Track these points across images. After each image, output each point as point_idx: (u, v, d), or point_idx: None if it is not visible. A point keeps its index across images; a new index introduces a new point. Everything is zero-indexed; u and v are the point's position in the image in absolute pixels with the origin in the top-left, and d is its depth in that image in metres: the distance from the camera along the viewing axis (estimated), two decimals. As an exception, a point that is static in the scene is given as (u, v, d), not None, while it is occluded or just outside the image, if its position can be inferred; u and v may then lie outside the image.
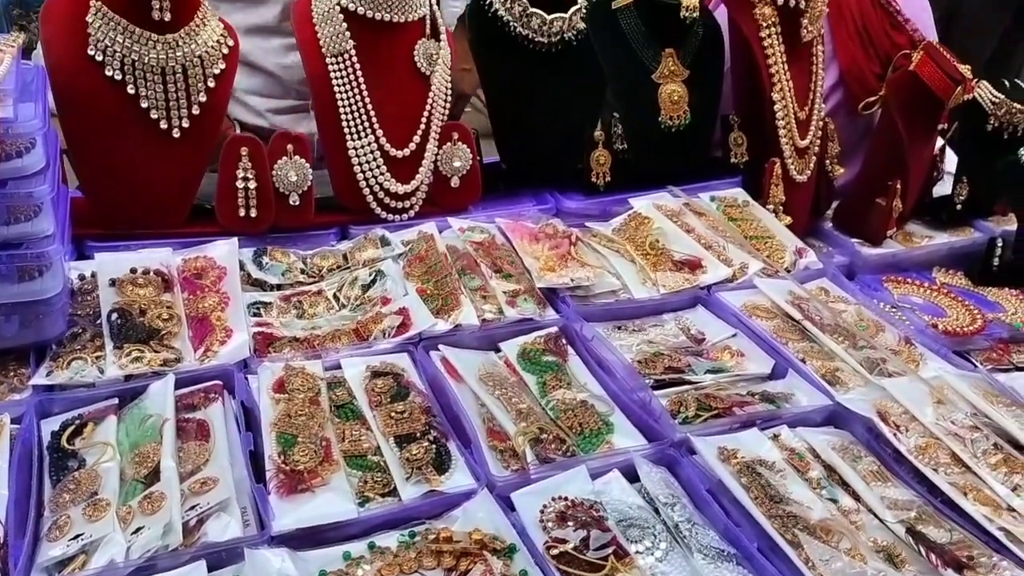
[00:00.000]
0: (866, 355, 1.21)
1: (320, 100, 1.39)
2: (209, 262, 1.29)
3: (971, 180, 1.79)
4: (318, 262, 1.35)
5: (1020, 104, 1.77)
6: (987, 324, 1.54)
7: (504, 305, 1.28)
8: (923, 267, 1.73)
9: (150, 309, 1.18)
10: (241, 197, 1.33)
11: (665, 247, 1.43)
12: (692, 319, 1.33)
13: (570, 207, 1.55)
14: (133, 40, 1.24)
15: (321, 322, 1.25)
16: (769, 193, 1.59)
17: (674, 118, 1.58)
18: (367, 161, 1.40)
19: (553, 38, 1.50)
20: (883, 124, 1.75)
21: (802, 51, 1.60)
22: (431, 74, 1.44)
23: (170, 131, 1.29)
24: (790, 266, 1.44)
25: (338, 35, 1.36)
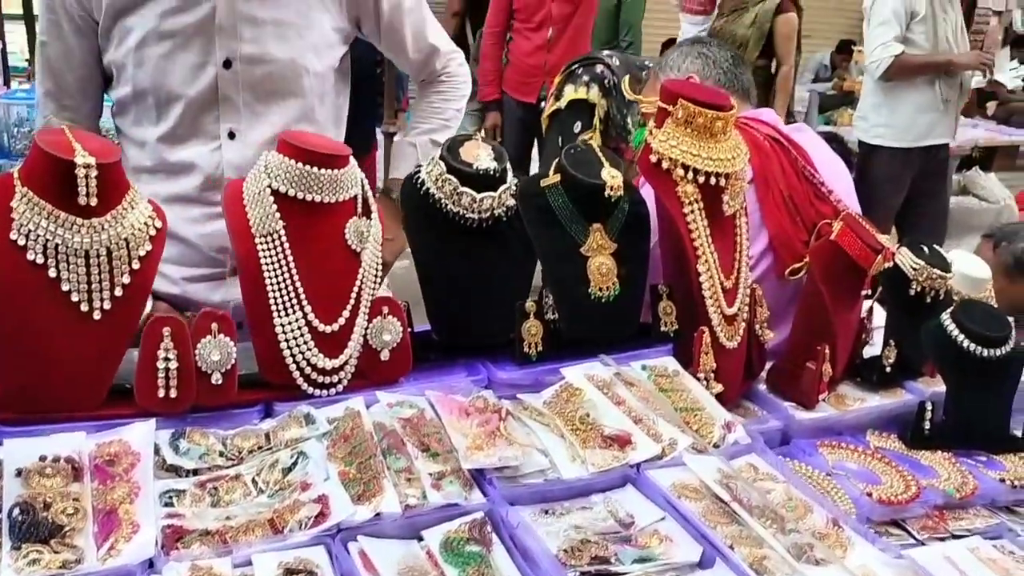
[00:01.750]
0: (793, 540, 1.20)
1: (248, 278, 1.39)
2: (123, 447, 1.25)
3: (899, 342, 1.84)
4: (239, 443, 1.32)
5: (940, 269, 1.84)
6: (921, 491, 1.54)
7: (429, 489, 1.25)
8: (856, 430, 1.74)
9: (55, 502, 1.13)
10: (161, 377, 1.31)
11: (595, 421, 1.43)
12: (621, 500, 1.31)
13: (502, 378, 1.55)
14: (57, 225, 1.25)
15: (236, 510, 1.20)
16: (700, 362, 1.61)
17: (603, 289, 1.60)
18: (294, 337, 1.40)
19: (484, 214, 1.54)
20: (808, 290, 1.80)
21: (725, 223, 1.66)
22: (362, 251, 1.46)
23: (91, 313, 1.28)
24: (719, 441, 1.44)
25: (268, 216, 1.38)
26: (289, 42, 1.75)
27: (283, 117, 1.79)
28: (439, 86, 2.06)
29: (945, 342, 1.71)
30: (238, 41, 1.70)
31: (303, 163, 1.38)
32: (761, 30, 4.93)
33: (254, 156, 1.70)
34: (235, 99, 1.74)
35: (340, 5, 1.83)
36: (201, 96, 1.72)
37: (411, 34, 1.95)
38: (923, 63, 4.26)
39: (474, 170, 1.52)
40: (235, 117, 1.75)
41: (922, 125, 4.34)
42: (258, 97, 1.76)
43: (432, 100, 2.06)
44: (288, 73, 1.77)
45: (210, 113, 1.74)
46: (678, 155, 1.57)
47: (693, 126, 1.58)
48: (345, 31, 1.87)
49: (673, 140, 1.57)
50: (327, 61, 1.84)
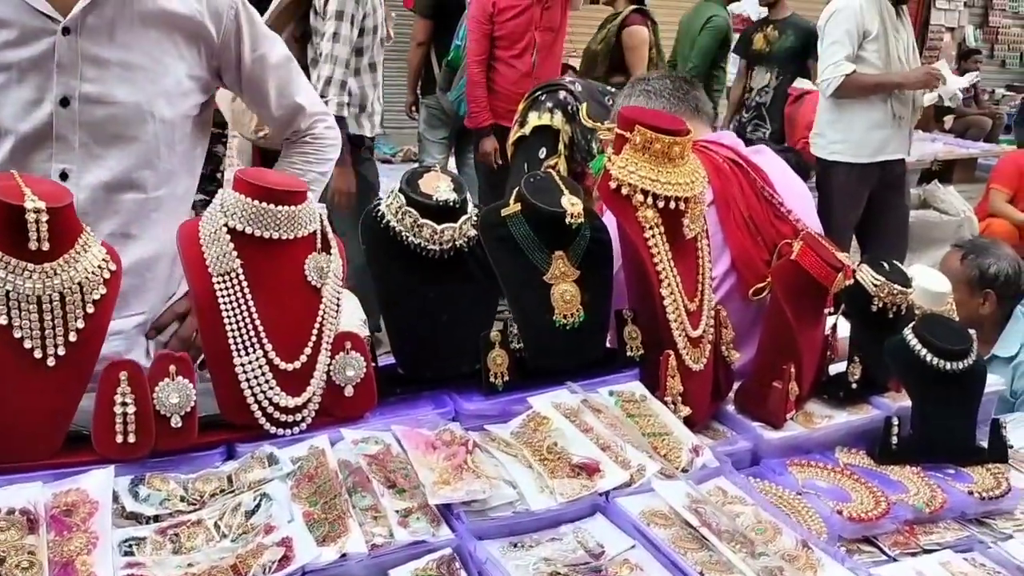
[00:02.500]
0: (763, 564, 1.19)
1: (205, 319, 1.37)
2: (81, 495, 1.22)
3: (863, 359, 1.85)
4: (200, 487, 1.29)
5: (900, 285, 1.87)
6: (891, 507, 1.55)
7: (395, 526, 1.23)
8: (825, 447, 1.75)
9: (9, 557, 1.10)
10: (119, 423, 1.28)
11: (563, 450, 1.42)
12: (590, 530, 1.30)
13: (469, 409, 1.54)
14: (8, 271, 1.22)
15: (198, 557, 1.18)
16: (666, 385, 1.61)
17: (568, 316, 1.60)
18: (255, 376, 1.38)
19: (445, 246, 1.54)
20: (772, 310, 1.81)
21: (687, 246, 1.67)
22: (322, 286, 1.45)
23: (44, 360, 1.25)
24: (687, 465, 1.44)
25: (224, 255, 1.37)
26: (136, 85, 1.68)
27: (121, 162, 1.70)
28: (303, 147, 1.98)
29: (908, 357, 1.73)
30: (79, 80, 1.64)
31: (260, 200, 1.37)
32: (608, 44, 5.00)
33: (86, 199, 1.67)
34: (71, 139, 1.66)
35: (199, 54, 1.75)
36: (34, 132, 1.65)
37: (274, 89, 1.88)
38: (874, 83, 4.36)
39: (434, 201, 1.52)
40: (69, 157, 1.67)
41: (876, 141, 4.43)
42: (96, 139, 1.67)
43: (294, 161, 1.97)
44: (132, 117, 1.69)
45: (43, 151, 1.67)
46: (637, 181, 1.58)
47: (651, 152, 1.59)
48: (203, 80, 1.80)
49: (632, 166, 1.59)
50: (180, 109, 1.76)
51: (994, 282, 3.00)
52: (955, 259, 3.10)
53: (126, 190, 1.73)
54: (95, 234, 1.67)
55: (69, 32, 1.62)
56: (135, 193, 1.74)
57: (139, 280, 1.77)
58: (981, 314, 3.01)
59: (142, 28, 1.68)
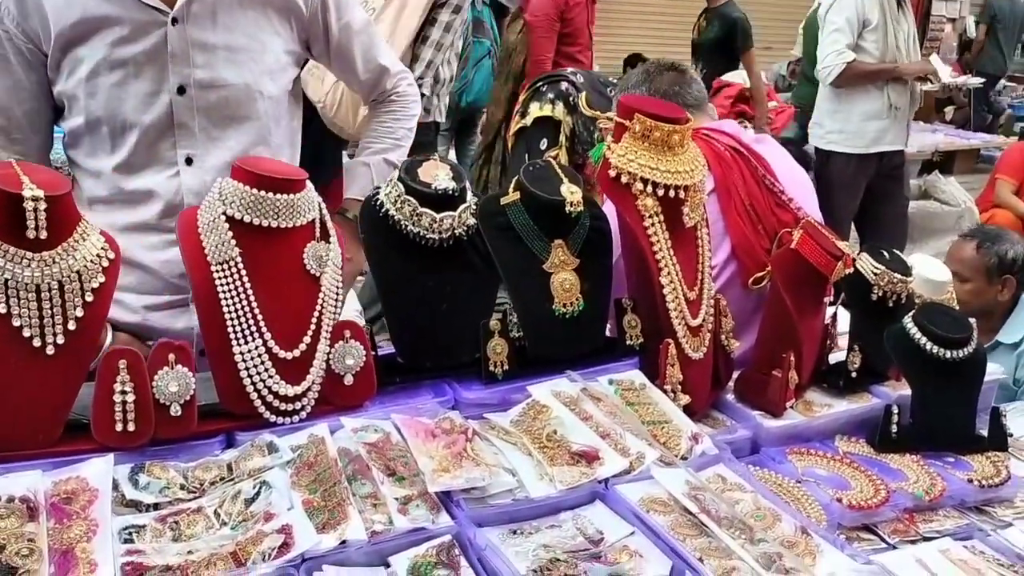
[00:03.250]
0: (762, 550, 1.19)
1: (204, 307, 1.37)
2: (81, 483, 1.22)
3: (863, 347, 1.85)
4: (200, 475, 1.30)
5: (900, 274, 1.86)
6: (891, 495, 1.54)
7: (395, 513, 1.23)
8: (825, 436, 1.75)
9: (9, 544, 1.10)
10: (119, 411, 1.28)
11: (563, 438, 1.42)
12: (590, 517, 1.30)
13: (469, 398, 1.54)
14: (7, 259, 1.22)
15: (198, 544, 1.18)
16: (666, 374, 1.61)
17: (567, 305, 1.60)
18: (254, 365, 1.38)
19: (444, 234, 1.53)
20: (772, 298, 1.81)
21: (687, 235, 1.67)
22: (321, 275, 1.44)
23: (43, 348, 1.25)
24: (686, 453, 1.44)
25: (223, 244, 1.37)
26: (242, 66, 1.73)
27: (240, 142, 1.76)
28: (390, 106, 2.06)
29: (908, 345, 1.73)
30: (191, 67, 1.69)
31: (258, 189, 1.37)
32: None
33: (212, 181, 1.68)
34: (191, 125, 1.72)
35: (291, 28, 1.82)
36: (156, 123, 1.71)
37: (360, 55, 1.95)
38: (873, 70, 4.35)
39: (433, 190, 1.52)
40: (191, 143, 1.74)
41: (873, 132, 4.42)
42: (214, 122, 1.74)
43: (383, 120, 2.06)
44: (243, 97, 1.75)
45: (166, 140, 1.73)
46: (636, 169, 1.57)
47: (650, 140, 1.58)
48: (296, 54, 1.87)
49: (631, 154, 1.58)
50: (281, 84, 1.83)
51: (1013, 267, 2.99)
52: (969, 249, 3.06)
53: None
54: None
55: (177, 22, 1.67)
56: None
57: None
58: (999, 301, 2.99)
59: (240, 10, 1.73)
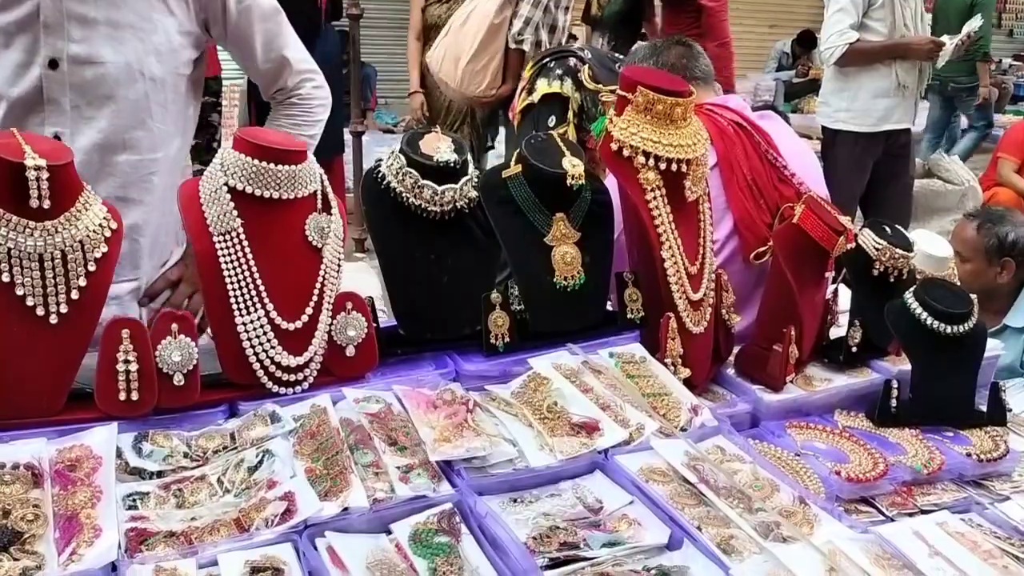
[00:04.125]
0: (761, 519, 1.20)
1: (207, 278, 1.38)
2: (85, 451, 1.23)
3: (864, 322, 1.85)
4: (203, 444, 1.31)
5: (902, 249, 1.86)
6: (889, 468, 1.55)
7: (396, 482, 1.25)
8: (824, 410, 1.76)
9: (15, 509, 1.11)
10: (122, 380, 1.29)
11: (563, 409, 1.43)
12: (589, 486, 1.31)
13: (470, 370, 1.55)
14: (9, 228, 1.23)
15: (202, 511, 1.19)
16: (667, 347, 1.61)
17: (568, 278, 1.60)
18: (257, 336, 1.38)
19: (445, 207, 1.54)
20: (773, 273, 1.81)
21: (689, 209, 1.67)
22: (323, 247, 1.45)
23: (47, 317, 1.26)
24: (686, 424, 1.45)
25: (225, 214, 1.37)
26: (125, 44, 1.66)
27: (114, 122, 1.69)
28: (290, 109, 1.93)
29: (909, 320, 1.73)
30: (66, 41, 1.62)
31: (260, 160, 1.37)
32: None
33: (82, 162, 1.62)
34: (61, 101, 1.65)
35: (187, 7, 1.73)
36: (25, 96, 1.65)
37: (261, 42, 1.84)
38: (877, 49, 4.31)
39: (434, 163, 1.52)
40: (61, 120, 1.67)
41: (880, 110, 4.38)
42: (87, 100, 1.66)
43: (282, 124, 1.93)
44: (121, 76, 1.67)
45: (35, 115, 1.65)
46: (638, 142, 1.57)
47: (653, 113, 1.58)
48: (194, 35, 1.77)
49: (633, 128, 1.58)
50: (171, 66, 1.74)
51: (1012, 249, 2.98)
52: (970, 229, 3.06)
53: (120, 151, 1.72)
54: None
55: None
56: (129, 155, 1.73)
57: (135, 246, 1.78)
58: (999, 283, 2.98)
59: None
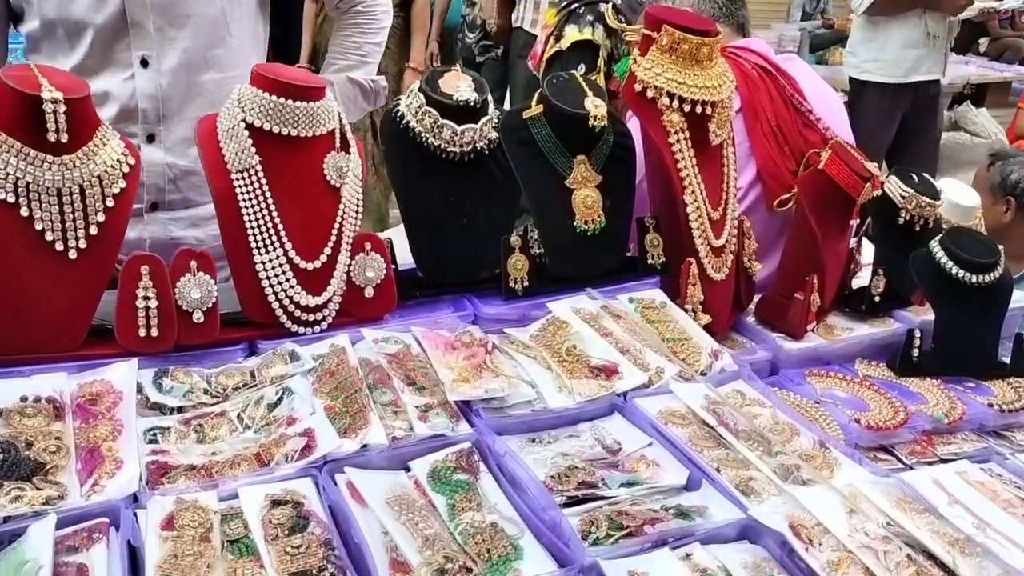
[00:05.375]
0: (780, 462, 1.20)
1: (225, 215, 1.37)
2: (106, 386, 1.24)
3: (887, 272, 1.83)
4: (223, 381, 1.31)
5: (929, 197, 1.83)
6: (909, 417, 1.54)
7: (415, 420, 1.25)
8: (845, 359, 1.74)
9: (37, 441, 1.12)
10: (141, 316, 1.29)
11: (582, 352, 1.42)
12: (608, 428, 1.30)
13: (488, 313, 1.54)
14: (27, 162, 1.22)
15: (222, 446, 1.20)
16: (687, 293, 1.59)
17: (589, 222, 1.58)
18: (276, 275, 1.38)
19: (465, 147, 1.51)
20: (797, 220, 1.78)
21: (712, 153, 1.64)
22: (341, 186, 1.43)
23: (66, 252, 1.25)
24: (706, 369, 1.44)
25: (243, 151, 1.35)
26: None
27: (196, 41, 1.72)
28: (355, 17, 1.97)
29: (934, 269, 1.70)
30: None
31: (277, 96, 1.35)
32: None
33: (168, 85, 1.69)
34: (145, 24, 1.68)
35: None
36: (109, 22, 1.66)
37: None
38: None
39: (454, 102, 1.49)
40: (146, 43, 1.69)
41: (910, 60, 4.29)
42: (169, 21, 1.69)
43: (349, 34, 1.97)
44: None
45: (121, 40, 1.69)
46: (663, 83, 1.54)
47: (678, 53, 1.54)
48: None
49: (658, 68, 1.54)
50: None
51: (1014, 189, 2.94)
52: (983, 166, 3.03)
53: (204, 70, 1.75)
54: (181, 120, 1.68)
55: None
56: (213, 73, 1.76)
57: None
58: (1003, 223, 2.95)
59: None
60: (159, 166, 1.74)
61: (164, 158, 1.74)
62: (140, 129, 1.72)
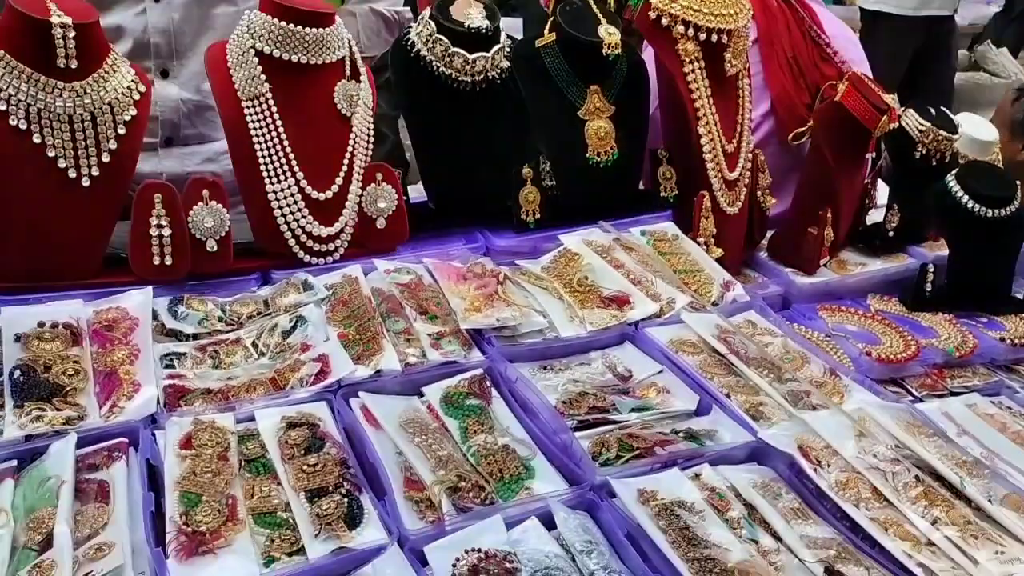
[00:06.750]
0: (790, 388, 1.20)
1: (236, 144, 1.36)
2: (121, 313, 1.25)
3: (902, 207, 1.81)
4: (237, 309, 1.32)
5: (946, 131, 1.80)
6: (920, 350, 1.54)
7: (428, 348, 1.26)
8: (857, 294, 1.74)
9: (55, 364, 1.13)
10: (155, 245, 1.30)
11: (594, 283, 1.42)
12: (619, 356, 1.31)
13: (500, 245, 1.54)
14: (38, 88, 1.21)
15: (238, 372, 1.21)
16: (699, 226, 1.59)
17: (601, 153, 1.57)
18: (287, 204, 1.38)
19: (476, 77, 1.50)
20: (812, 154, 1.76)
21: (727, 84, 1.61)
22: (352, 115, 1.42)
23: (79, 180, 1.25)
24: (717, 299, 1.44)
25: (253, 79, 1.34)
26: None
27: None
28: None
29: (950, 203, 1.69)
30: None
31: (287, 22, 1.33)
32: None
33: (180, 19, 1.65)
34: None
35: None
36: None
37: None
38: None
39: (466, 29, 1.47)
40: None
41: None
42: None
43: None
44: None
45: None
46: (678, 11, 1.51)
47: (693, -21, 1.51)
48: None
49: (673, -5, 1.51)
50: None
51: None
52: (1007, 101, 2.97)
53: (216, 3, 1.72)
54: (195, 55, 1.65)
55: None
56: (226, 6, 1.72)
57: None
58: (1018, 160, 2.91)
59: None
60: (173, 101, 1.73)
61: (179, 93, 1.72)
62: (153, 64, 1.70)
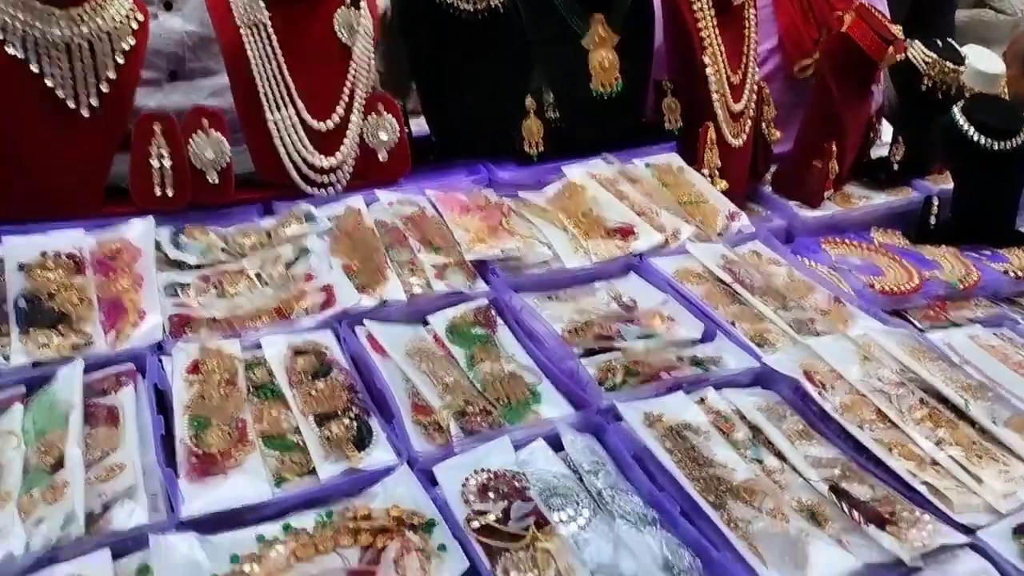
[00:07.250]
0: (795, 316, 1.21)
1: (235, 72, 1.34)
2: (124, 243, 1.24)
3: (907, 140, 1.80)
4: (240, 239, 1.31)
5: (952, 63, 1.78)
6: (924, 282, 1.54)
7: (432, 279, 1.25)
8: (861, 227, 1.74)
9: (60, 293, 1.13)
10: (156, 176, 1.28)
11: (598, 215, 1.41)
12: (624, 287, 1.31)
13: (503, 177, 1.53)
14: (34, 16, 1.19)
15: (242, 301, 1.21)
16: (704, 158, 1.58)
17: (606, 85, 1.55)
18: (288, 134, 1.36)
19: (479, 6, 1.47)
20: (818, 86, 1.74)
21: (734, 15, 1.59)
22: (352, 44, 1.40)
23: (78, 110, 1.23)
24: (722, 230, 1.43)
25: (251, 4, 1.31)
26: None
27: None
28: None
29: (956, 136, 1.67)
30: None
31: (285, -55, 1.31)
32: None
33: None
34: None
35: None
36: None
37: None
38: None
39: (468, -44, 1.44)
40: None
41: None
42: None
43: None
44: None
45: None
46: (684, -64, 1.48)
47: (701, -97, 1.48)
48: None
49: (679, -80, 1.48)
50: None
51: None
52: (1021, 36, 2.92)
53: None
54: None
55: None
56: None
57: None
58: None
59: None
60: (177, 34, 1.69)
61: (183, 25, 1.68)
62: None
